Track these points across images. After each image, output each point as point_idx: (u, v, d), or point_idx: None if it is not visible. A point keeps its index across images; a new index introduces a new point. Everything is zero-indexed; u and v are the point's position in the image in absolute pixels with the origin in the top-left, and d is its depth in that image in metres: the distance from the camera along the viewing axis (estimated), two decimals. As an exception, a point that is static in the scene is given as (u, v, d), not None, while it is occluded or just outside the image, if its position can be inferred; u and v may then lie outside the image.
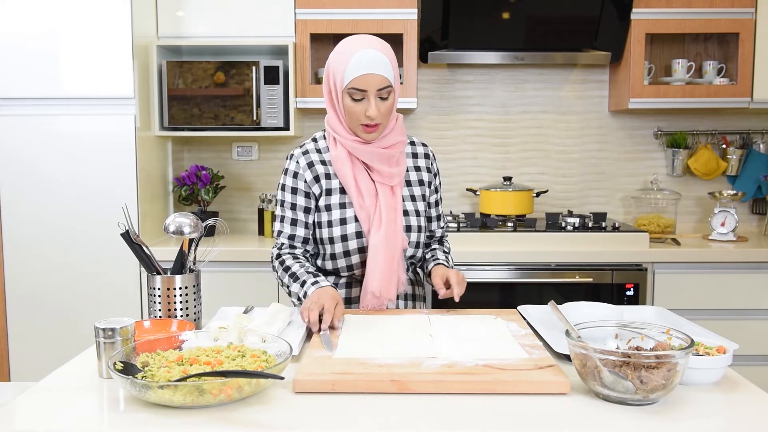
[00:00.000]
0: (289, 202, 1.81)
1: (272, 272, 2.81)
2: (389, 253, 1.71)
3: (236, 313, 1.56)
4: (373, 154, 1.72)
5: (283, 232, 1.82)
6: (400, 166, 1.77)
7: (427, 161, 1.88)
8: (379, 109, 1.66)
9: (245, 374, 1.14)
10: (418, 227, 1.81)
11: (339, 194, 1.77)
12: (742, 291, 2.77)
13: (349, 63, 1.63)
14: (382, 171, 1.73)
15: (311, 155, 1.80)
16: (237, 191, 3.36)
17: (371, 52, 1.63)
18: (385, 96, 1.66)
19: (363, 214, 1.74)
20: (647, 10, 2.92)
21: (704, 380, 1.25)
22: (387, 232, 1.71)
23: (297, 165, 1.79)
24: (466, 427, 1.08)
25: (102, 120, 2.76)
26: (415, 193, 1.83)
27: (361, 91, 1.64)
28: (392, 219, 1.72)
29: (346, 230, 1.75)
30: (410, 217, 1.79)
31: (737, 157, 3.24)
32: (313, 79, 3.11)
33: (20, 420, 1.13)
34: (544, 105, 3.32)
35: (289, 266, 1.75)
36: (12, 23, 2.71)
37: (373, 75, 1.63)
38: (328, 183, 1.78)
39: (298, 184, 1.79)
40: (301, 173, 1.79)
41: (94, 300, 2.79)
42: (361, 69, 1.63)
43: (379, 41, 1.68)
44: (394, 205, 1.74)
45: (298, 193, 1.79)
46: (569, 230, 2.85)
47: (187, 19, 2.94)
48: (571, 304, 1.63)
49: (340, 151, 1.74)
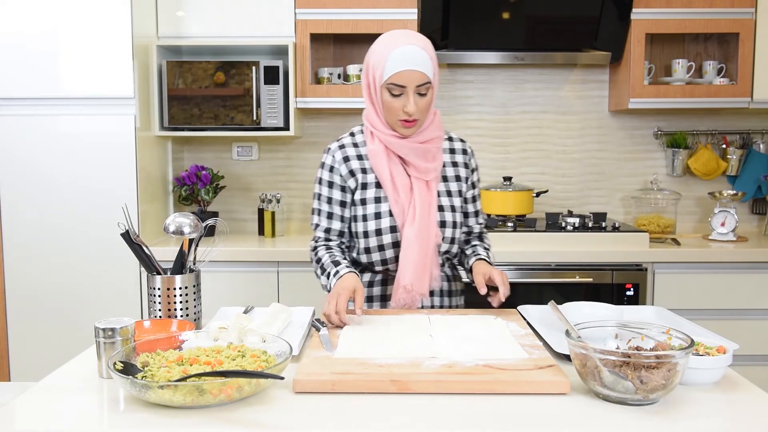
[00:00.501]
0: (325, 196, 1.83)
1: (272, 272, 2.82)
2: (422, 248, 1.71)
3: (236, 313, 1.56)
4: (409, 148, 1.73)
5: (319, 226, 1.85)
6: (436, 162, 1.77)
7: (465, 157, 1.87)
8: (417, 104, 1.66)
9: (245, 374, 1.14)
10: (453, 223, 1.80)
11: (374, 188, 1.78)
12: (742, 291, 2.77)
13: (389, 58, 1.64)
14: (418, 166, 1.74)
15: (347, 149, 1.82)
16: (237, 191, 3.36)
17: (411, 48, 1.63)
18: (423, 92, 1.67)
19: (397, 208, 1.75)
20: (647, 10, 2.92)
21: (704, 380, 1.25)
22: (420, 227, 1.71)
23: (333, 159, 1.81)
24: (466, 427, 1.08)
25: (102, 120, 2.76)
26: (452, 188, 1.82)
27: (400, 87, 1.65)
28: (426, 213, 1.73)
29: (380, 224, 1.76)
30: (445, 212, 1.79)
31: (737, 157, 3.24)
32: (313, 79, 3.11)
33: (20, 420, 1.13)
34: (544, 105, 3.32)
35: (320, 258, 1.79)
36: (12, 23, 2.71)
37: (413, 71, 1.63)
38: (364, 177, 1.79)
39: (333, 177, 1.81)
40: (336, 167, 1.81)
41: (94, 300, 2.79)
42: (401, 65, 1.63)
43: (419, 37, 1.68)
44: (429, 200, 1.74)
45: (333, 186, 1.81)
46: (569, 230, 2.85)
47: (187, 19, 2.94)
48: (571, 304, 1.63)
49: (377, 146, 1.75)
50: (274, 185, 3.35)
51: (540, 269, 2.73)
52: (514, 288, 2.69)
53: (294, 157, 3.34)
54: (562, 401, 1.18)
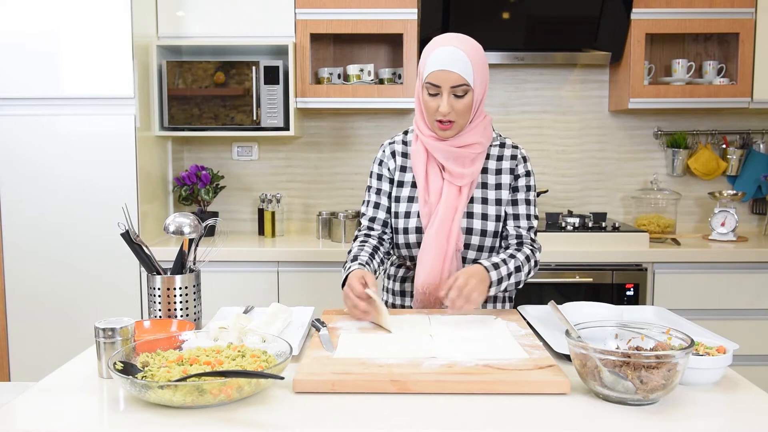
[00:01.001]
0: (375, 188, 1.87)
1: (272, 272, 2.82)
2: (438, 251, 1.72)
3: (236, 313, 1.56)
4: (445, 152, 1.73)
5: (365, 215, 1.87)
6: (473, 167, 1.75)
7: (512, 162, 1.82)
8: (452, 106, 1.66)
9: (245, 374, 1.14)
10: (482, 231, 1.76)
11: (410, 188, 1.81)
12: (742, 291, 2.77)
13: (429, 58, 1.66)
14: (452, 170, 1.74)
15: (396, 146, 1.87)
16: (237, 191, 3.36)
17: (450, 49, 1.64)
18: (460, 94, 1.66)
19: (425, 210, 1.76)
20: (647, 10, 2.92)
21: (704, 380, 1.25)
22: (438, 230, 1.72)
23: (383, 153, 1.87)
24: (466, 427, 1.08)
25: (102, 120, 2.76)
26: (489, 196, 1.79)
27: (435, 86, 1.66)
28: (448, 218, 1.72)
29: (408, 224, 1.79)
30: (474, 219, 1.76)
31: (737, 157, 3.24)
32: (313, 79, 3.11)
33: (20, 420, 1.13)
34: (544, 105, 3.32)
35: (351, 249, 1.80)
36: (12, 23, 2.71)
37: (448, 72, 1.63)
38: (402, 176, 1.83)
39: (383, 171, 1.86)
40: (385, 161, 1.86)
41: (94, 300, 2.79)
42: (438, 65, 1.64)
43: (465, 40, 1.67)
44: (456, 205, 1.73)
45: (382, 179, 1.86)
46: (569, 230, 2.85)
47: (187, 19, 2.94)
48: (571, 304, 1.63)
49: (418, 147, 1.77)
50: (274, 185, 3.35)
51: (540, 269, 2.72)
52: None
53: (294, 157, 3.34)
54: (562, 401, 1.18)
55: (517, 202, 1.82)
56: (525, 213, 1.81)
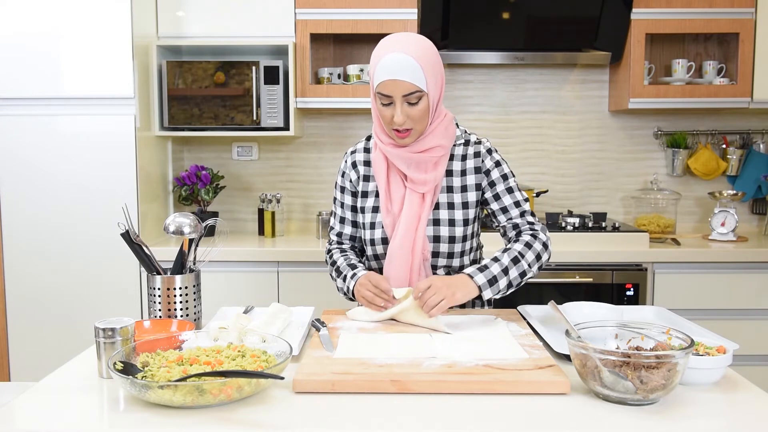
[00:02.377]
0: (339, 201, 1.85)
1: (272, 272, 2.82)
2: (403, 262, 1.68)
3: (236, 313, 1.56)
4: (405, 158, 1.66)
5: (333, 229, 1.87)
6: (435, 172, 1.68)
7: (477, 161, 1.72)
8: (407, 114, 1.59)
9: (245, 374, 1.14)
10: (449, 237, 1.70)
11: (374, 197, 1.76)
12: (742, 291, 2.77)
13: (377, 67, 1.58)
14: (413, 177, 1.67)
15: (357, 155, 1.82)
16: (237, 191, 3.36)
17: (397, 56, 1.54)
18: (413, 101, 1.58)
19: (388, 220, 1.71)
20: (647, 10, 2.92)
21: (704, 380, 1.25)
22: (402, 241, 1.67)
23: (345, 164, 1.84)
24: (466, 427, 1.08)
25: (102, 120, 2.76)
26: (455, 200, 1.72)
27: (387, 96, 1.59)
28: (412, 227, 1.67)
29: (374, 234, 1.75)
30: (441, 226, 1.70)
31: (737, 157, 3.24)
32: (313, 79, 3.11)
33: (20, 420, 1.13)
34: (544, 105, 3.32)
35: (335, 260, 1.78)
36: (12, 23, 2.71)
37: (397, 81, 1.55)
38: (365, 185, 1.78)
39: (345, 182, 1.83)
40: (347, 172, 1.82)
41: (94, 300, 2.79)
42: (386, 74, 1.56)
43: (412, 43, 1.57)
44: (419, 212, 1.68)
45: (345, 192, 1.83)
46: (569, 230, 2.85)
47: (187, 19, 2.94)
48: (571, 304, 1.63)
49: (378, 155, 1.72)
50: (274, 185, 3.35)
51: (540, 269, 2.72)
52: None
53: (294, 157, 3.34)
54: (562, 401, 1.18)
55: (498, 195, 1.73)
56: (512, 202, 1.73)
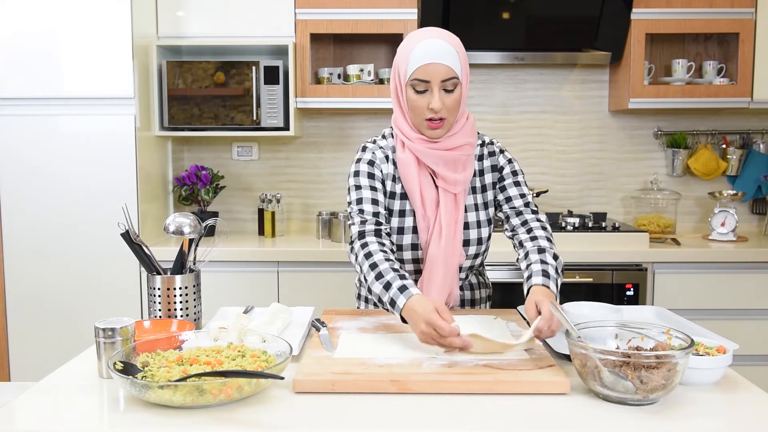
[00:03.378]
0: (368, 186, 1.67)
1: (272, 272, 2.81)
2: (447, 268, 1.63)
3: (236, 313, 1.56)
4: (438, 157, 1.61)
5: (364, 210, 1.65)
6: (466, 172, 1.65)
7: (493, 159, 1.73)
8: (443, 101, 1.55)
9: (245, 374, 1.14)
10: (477, 240, 1.70)
11: (400, 200, 1.69)
12: (742, 291, 2.77)
13: (412, 53, 1.55)
14: (446, 177, 1.62)
15: (387, 151, 1.71)
16: (237, 191, 3.36)
17: (436, 42, 1.54)
18: (450, 88, 1.55)
19: (423, 224, 1.65)
20: (647, 10, 2.92)
21: (704, 380, 1.25)
22: (447, 246, 1.62)
23: (374, 155, 1.71)
24: (466, 427, 1.08)
25: (102, 120, 2.76)
26: (479, 201, 1.72)
27: (424, 82, 1.55)
28: (452, 232, 1.63)
29: (402, 240, 1.68)
30: (470, 230, 1.69)
31: (737, 157, 3.24)
32: (313, 79, 3.11)
33: (20, 420, 1.13)
34: (544, 105, 3.32)
35: (371, 252, 1.54)
36: (12, 23, 2.71)
37: (437, 65, 1.53)
38: (393, 186, 1.70)
39: (375, 171, 1.69)
40: (378, 163, 1.70)
41: (94, 300, 2.78)
42: (425, 58, 1.53)
43: (445, 32, 1.58)
44: (456, 215, 1.64)
45: (375, 178, 1.69)
46: (569, 230, 2.85)
47: (187, 19, 2.94)
48: (571, 304, 1.63)
49: (407, 155, 1.64)
50: (274, 185, 3.35)
51: (540, 269, 2.72)
52: (514, 288, 2.72)
53: (294, 157, 3.34)
54: (562, 401, 1.18)
55: (505, 187, 1.73)
56: (517, 193, 1.73)
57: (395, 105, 1.66)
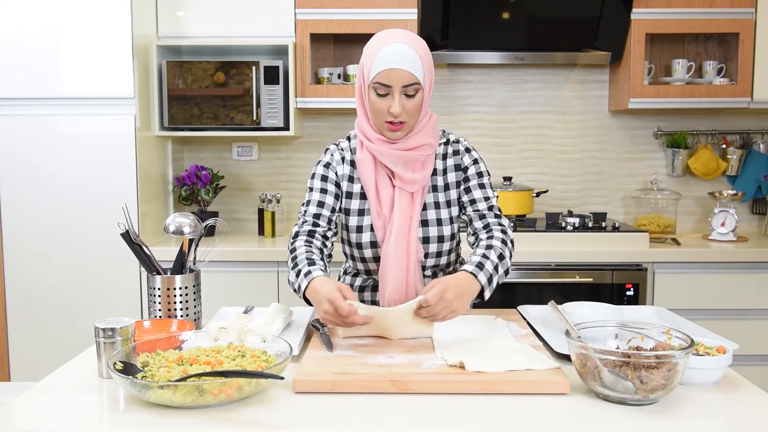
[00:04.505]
0: (318, 189, 1.73)
1: (272, 272, 2.81)
2: (400, 265, 1.65)
3: (236, 313, 1.56)
4: (395, 156, 1.63)
5: (307, 212, 1.71)
6: (424, 171, 1.66)
7: (456, 158, 1.74)
8: (403, 106, 1.57)
9: (245, 374, 1.14)
10: (438, 237, 1.70)
11: (359, 199, 1.72)
12: (742, 291, 2.77)
13: (376, 57, 1.57)
14: (403, 177, 1.64)
15: (345, 153, 1.75)
16: (237, 191, 3.36)
17: (399, 47, 1.55)
18: (411, 93, 1.57)
19: (379, 222, 1.68)
20: (647, 10, 2.92)
21: (704, 380, 1.25)
22: (397, 243, 1.64)
23: (331, 157, 1.75)
24: (466, 427, 1.08)
25: (102, 120, 2.76)
26: (440, 199, 1.72)
27: (385, 86, 1.57)
28: (405, 229, 1.64)
29: (361, 239, 1.71)
30: (429, 227, 1.70)
31: (737, 157, 3.24)
32: (313, 79, 3.11)
33: (20, 420, 1.13)
34: (544, 105, 3.32)
35: (295, 248, 1.63)
36: (12, 23, 2.71)
37: (399, 70, 1.55)
38: (350, 186, 1.73)
39: (329, 173, 1.74)
40: (333, 165, 1.74)
41: (94, 300, 2.78)
42: (387, 63, 1.55)
43: (411, 36, 1.59)
44: (410, 213, 1.65)
45: (329, 181, 1.74)
46: (569, 230, 2.85)
47: (187, 19, 2.94)
48: (571, 304, 1.63)
49: (365, 155, 1.67)
50: (274, 185, 3.35)
51: (540, 269, 2.73)
52: (515, 288, 2.72)
53: (294, 157, 3.34)
54: (562, 401, 1.18)
55: (470, 188, 1.73)
56: (481, 196, 1.73)
57: (359, 105, 1.68)
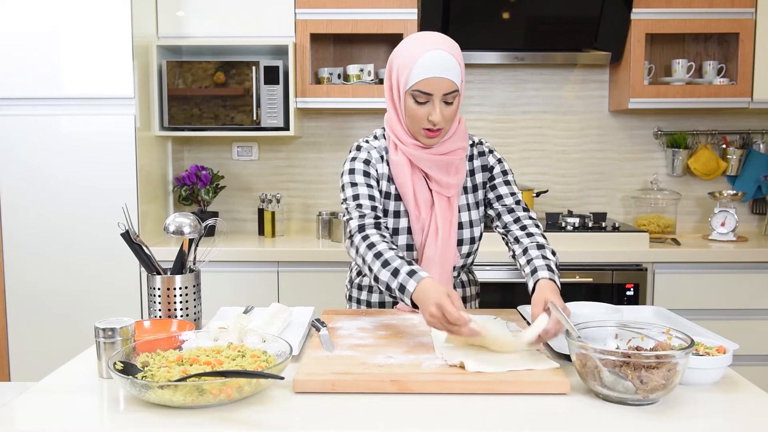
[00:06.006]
0: (363, 183, 1.66)
1: (272, 272, 2.81)
2: (443, 269, 1.65)
3: (236, 313, 1.56)
4: (432, 161, 1.63)
5: (363, 205, 1.63)
6: (459, 175, 1.67)
7: (482, 159, 1.76)
8: (443, 114, 1.57)
9: (245, 374, 1.14)
10: (470, 239, 1.73)
11: (394, 201, 1.69)
12: (742, 291, 2.77)
13: (416, 63, 1.54)
14: (440, 180, 1.64)
15: (382, 151, 1.72)
16: (237, 191, 3.36)
17: (441, 54, 1.54)
18: (450, 101, 1.57)
19: (418, 226, 1.67)
20: (647, 10, 2.92)
21: (704, 380, 1.25)
22: (443, 247, 1.64)
23: (369, 155, 1.70)
24: (466, 427, 1.08)
25: (102, 120, 2.76)
26: (470, 201, 1.74)
27: (426, 95, 1.56)
28: (447, 233, 1.65)
29: (397, 241, 1.68)
30: (463, 230, 1.71)
31: (737, 157, 3.24)
32: (313, 79, 3.11)
33: (20, 420, 1.13)
34: (544, 105, 3.32)
35: (374, 243, 1.53)
36: (12, 23, 2.71)
37: (441, 79, 1.54)
38: (388, 186, 1.70)
39: (370, 170, 1.69)
40: (374, 163, 1.70)
41: (94, 300, 2.78)
42: (429, 71, 1.54)
43: (449, 42, 1.58)
44: (450, 217, 1.66)
45: (371, 177, 1.68)
46: (569, 230, 2.85)
47: (187, 19, 2.94)
48: (571, 304, 1.63)
49: (400, 157, 1.65)
50: (274, 185, 3.35)
51: (540, 269, 2.72)
52: (515, 288, 2.72)
53: (294, 157, 3.34)
54: (562, 401, 1.18)
55: (496, 185, 1.75)
56: (508, 192, 1.74)
57: (390, 106, 1.67)
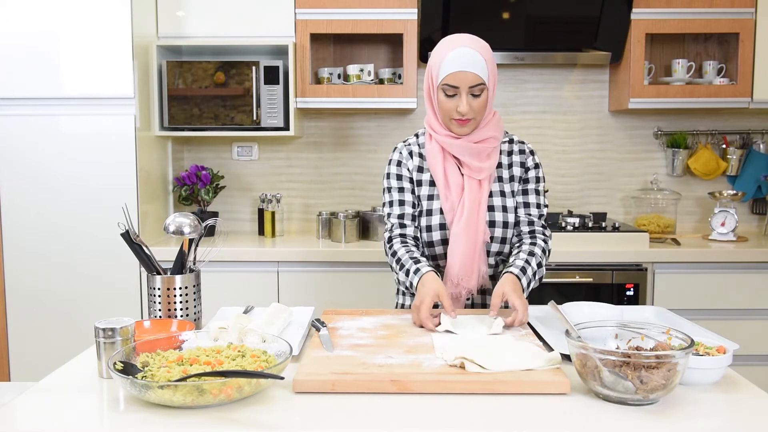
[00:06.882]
0: (396, 187, 1.89)
1: (272, 272, 2.81)
2: (469, 243, 1.77)
3: (236, 313, 1.56)
4: (463, 148, 1.77)
5: (392, 214, 1.88)
6: (490, 161, 1.80)
7: (522, 156, 1.89)
8: (470, 105, 1.71)
9: (245, 374, 1.14)
10: (503, 223, 1.83)
11: (428, 186, 1.85)
12: (742, 291, 2.77)
13: (444, 60, 1.71)
14: (471, 165, 1.78)
15: (411, 147, 1.90)
16: (237, 191, 3.36)
17: (465, 50, 1.70)
18: (477, 93, 1.72)
19: (447, 205, 1.80)
20: (647, 10, 2.92)
21: (704, 380, 1.25)
22: (468, 222, 1.76)
23: (400, 155, 1.90)
24: (466, 427, 1.08)
25: (102, 120, 2.76)
26: (506, 189, 1.85)
27: (453, 87, 1.71)
28: (474, 211, 1.77)
29: (430, 221, 1.83)
30: (495, 212, 1.82)
31: (737, 157, 3.24)
32: (313, 79, 3.11)
33: (20, 420, 1.13)
34: (544, 105, 3.32)
35: (395, 251, 1.80)
36: (12, 23, 2.71)
37: (465, 72, 1.69)
38: (419, 175, 1.87)
39: (402, 171, 1.89)
40: (404, 162, 1.89)
41: (94, 300, 2.78)
42: (454, 66, 1.69)
43: (476, 41, 1.75)
44: (479, 198, 1.78)
45: (403, 179, 1.88)
46: (569, 230, 2.85)
47: (187, 19, 2.94)
48: (571, 304, 1.63)
49: (434, 146, 1.82)
50: (274, 185, 3.35)
51: (540, 269, 2.72)
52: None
53: (294, 157, 3.34)
54: (562, 401, 1.18)
55: (527, 191, 1.88)
56: (535, 202, 1.88)
57: (427, 105, 1.83)
